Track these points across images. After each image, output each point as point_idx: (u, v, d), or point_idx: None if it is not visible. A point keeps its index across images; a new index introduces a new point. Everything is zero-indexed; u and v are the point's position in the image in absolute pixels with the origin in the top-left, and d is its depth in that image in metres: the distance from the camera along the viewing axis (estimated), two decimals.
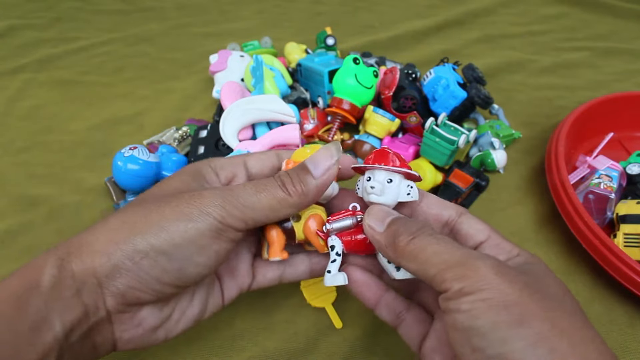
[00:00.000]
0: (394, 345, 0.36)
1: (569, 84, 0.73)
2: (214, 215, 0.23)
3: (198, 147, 0.50)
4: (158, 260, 0.22)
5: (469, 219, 0.26)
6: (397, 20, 0.93)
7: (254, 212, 0.24)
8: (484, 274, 0.20)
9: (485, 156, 0.51)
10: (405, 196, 0.27)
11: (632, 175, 0.48)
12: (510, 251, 0.24)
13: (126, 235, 0.22)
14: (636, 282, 0.36)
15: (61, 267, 0.22)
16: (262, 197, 0.25)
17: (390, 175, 0.27)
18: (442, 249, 0.22)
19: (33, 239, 0.46)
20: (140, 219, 0.23)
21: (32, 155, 0.57)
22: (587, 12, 0.98)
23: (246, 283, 0.30)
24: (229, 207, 0.24)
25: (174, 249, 0.23)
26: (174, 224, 0.23)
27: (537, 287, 0.20)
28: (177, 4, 1.02)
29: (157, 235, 0.22)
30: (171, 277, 0.23)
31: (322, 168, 0.26)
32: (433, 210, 0.27)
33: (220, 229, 0.24)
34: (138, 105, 0.67)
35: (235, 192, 0.24)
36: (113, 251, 0.22)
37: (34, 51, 0.81)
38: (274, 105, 0.48)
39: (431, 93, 0.55)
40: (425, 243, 0.23)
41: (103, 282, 0.22)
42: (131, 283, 0.22)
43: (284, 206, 0.25)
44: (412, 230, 0.23)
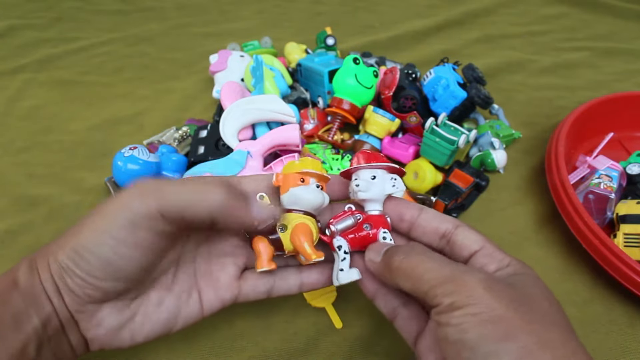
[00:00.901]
0: (394, 345, 0.36)
1: (569, 84, 0.73)
2: (130, 207, 0.24)
3: (198, 147, 0.50)
4: (86, 257, 0.24)
5: (464, 230, 0.27)
6: (397, 20, 0.93)
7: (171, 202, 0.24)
8: (473, 289, 0.21)
9: (485, 156, 0.51)
10: (391, 188, 0.29)
11: (632, 175, 0.48)
12: (502, 260, 0.25)
13: (68, 238, 0.24)
14: (636, 282, 0.36)
15: (31, 269, 0.25)
16: (183, 190, 0.25)
17: (373, 172, 0.29)
18: (432, 266, 0.23)
19: (33, 239, 0.46)
20: (83, 223, 0.25)
21: (32, 155, 0.57)
22: (587, 12, 0.98)
23: (229, 295, 0.30)
24: (146, 197, 0.24)
25: (95, 245, 0.24)
26: (96, 224, 0.24)
27: (524, 300, 0.21)
28: (177, 4, 1.02)
29: (84, 236, 0.24)
30: (102, 272, 0.24)
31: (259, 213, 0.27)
32: (431, 224, 0.28)
33: (135, 220, 0.24)
34: (138, 105, 0.67)
35: (157, 184, 0.25)
36: (59, 254, 0.24)
37: (34, 51, 0.81)
38: (274, 105, 0.48)
39: (431, 93, 0.55)
40: (416, 261, 0.24)
41: (57, 282, 0.24)
42: (75, 281, 0.24)
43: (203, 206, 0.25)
44: (404, 251, 0.25)
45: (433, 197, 0.47)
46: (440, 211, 0.46)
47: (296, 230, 0.28)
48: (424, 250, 0.25)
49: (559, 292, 0.40)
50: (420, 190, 0.49)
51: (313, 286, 0.31)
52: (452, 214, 0.47)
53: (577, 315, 0.39)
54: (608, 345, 0.36)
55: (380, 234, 0.29)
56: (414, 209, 0.29)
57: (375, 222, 0.29)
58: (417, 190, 0.49)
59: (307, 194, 0.28)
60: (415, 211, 0.29)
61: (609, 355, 0.36)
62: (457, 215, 0.47)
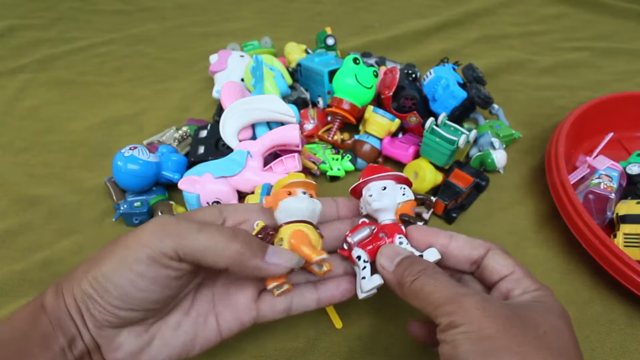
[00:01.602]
0: (394, 345, 0.36)
1: (569, 84, 0.73)
2: (148, 244, 0.25)
3: (198, 147, 0.50)
4: (105, 286, 0.25)
5: (495, 254, 0.28)
6: (397, 20, 0.93)
7: (187, 246, 0.25)
8: (468, 309, 0.23)
9: (485, 156, 0.51)
10: (402, 197, 0.31)
11: (632, 175, 0.48)
12: (527, 287, 0.26)
13: (92, 267, 0.25)
14: (636, 282, 0.36)
15: (57, 294, 0.26)
16: (200, 236, 0.26)
17: (383, 183, 0.31)
18: (437, 288, 0.25)
19: (33, 239, 0.46)
20: (105, 252, 0.26)
21: (32, 155, 0.57)
22: (587, 12, 0.98)
23: (248, 317, 0.30)
24: (164, 236, 0.25)
25: (115, 276, 0.25)
26: (117, 256, 0.25)
27: (521, 324, 0.23)
28: (177, 4, 1.02)
29: (105, 266, 0.25)
30: (121, 301, 0.25)
31: (274, 261, 0.27)
32: (462, 252, 0.29)
33: (154, 257, 0.25)
34: (138, 105, 0.67)
35: (176, 224, 0.26)
36: (82, 280, 0.25)
37: (34, 51, 0.81)
38: (274, 105, 0.48)
39: (431, 93, 0.55)
40: (423, 283, 0.26)
41: (80, 306, 0.25)
42: (96, 307, 0.25)
43: (218, 254, 0.26)
44: (415, 272, 0.26)
45: (433, 197, 0.47)
46: (440, 211, 0.47)
47: (291, 238, 0.28)
48: (433, 272, 0.26)
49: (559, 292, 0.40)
50: (420, 190, 0.49)
51: (330, 301, 0.31)
52: (452, 214, 0.47)
53: (577, 315, 0.39)
54: (608, 345, 0.36)
55: (397, 239, 0.29)
56: (444, 238, 0.29)
57: (390, 230, 0.30)
58: (417, 190, 0.49)
59: (296, 203, 0.29)
60: (446, 240, 0.29)
61: (609, 355, 0.36)
62: (457, 215, 0.47)
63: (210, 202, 0.44)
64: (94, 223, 0.47)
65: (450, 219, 0.47)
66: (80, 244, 0.45)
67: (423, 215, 0.46)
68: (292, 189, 0.30)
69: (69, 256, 0.44)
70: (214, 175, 0.44)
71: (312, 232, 0.29)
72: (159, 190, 0.48)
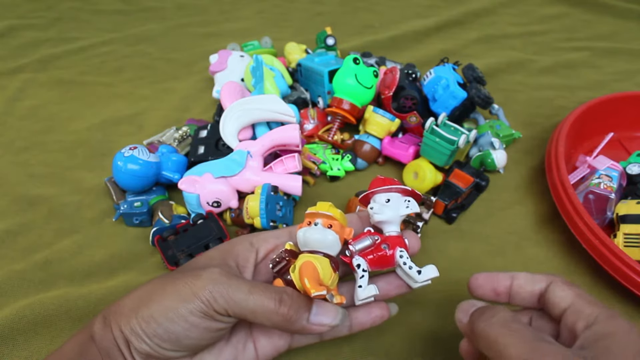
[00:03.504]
0: (394, 345, 0.36)
1: (569, 84, 0.73)
2: (202, 299, 0.26)
3: (198, 147, 0.50)
4: (156, 330, 0.26)
5: (555, 286, 0.27)
6: (397, 20, 0.93)
7: (237, 307, 0.26)
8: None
9: (485, 156, 0.51)
10: (405, 209, 0.31)
11: (632, 175, 0.48)
12: (589, 316, 0.25)
13: (140, 305, 0.26)
14: (636, 282, 0.36)
15: (105, 326, 0.27)
16: (250, 299, 0.26)
17: (388, 196, 0.31)
18: (512, 341, 0.23)
19: (33, 239, 0.46)
20: (154, 292, 0.27)
21: (32, 155, 0.57)
22: (587, 12, 0.98)
23: (283, 342, 0.31)
24: (217, 295, 0.26)
25: (167, 322, 0.26)
26: (168, 301, 0.26)
27: None
28: (177, 4, 1.02)
29: (156, 309, 0.26)
30: (170, 344, 0.26)
31: (319, 320, 0.27)
32: (525, 289, 0.29)
33: (207, 312, 0.26)
34: (138, 105, 0.67)
35: (228, 284, 0.26)
36: (131, 318, 0.26)
37: (34, 51, 0.81)
38: (274, 105, 0.48)
39: (431, 93, 0.55)
40: (497, 334, 0.24)
41: (129, 339, 0.26)
42: (142, 345, 0.26)
43: (266, 318, 0.26)
44: (486, 318, 0.25)
45: (433, 197, 0.47)
46: (440, 211, 0.47)
47: (299, 269, 0.28)
48: (506, 320, 0.25)
49: None
50: (420, 190, 0.49)
51: (361, 327, 0.32)
52: (452, 214, 0.47)
53: None
54: None
55: (397, 252, 0.30)
56: (504, 279, 0.29)
57: (393, 242, 0.30)
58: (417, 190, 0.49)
59: (311, 234, 0.29)
60: (507, 280, 0.29)
61: None
62: (457, 215, 0.47)
63: (210, 202, 0.44)
64: (94, 223, 0.47)
65: (450, 219, 0.47)
66: (80, 244, 0.45)
67: (423, 215, 0.46)
68: (312, 218, 0.30)
69: (69, 256, 0.44)
70: (213, 175, 0.44)
71: (323, 264, 0.29)
72: (159, 190, 0.48)
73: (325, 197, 0.51)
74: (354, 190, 0.46)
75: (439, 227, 0.47)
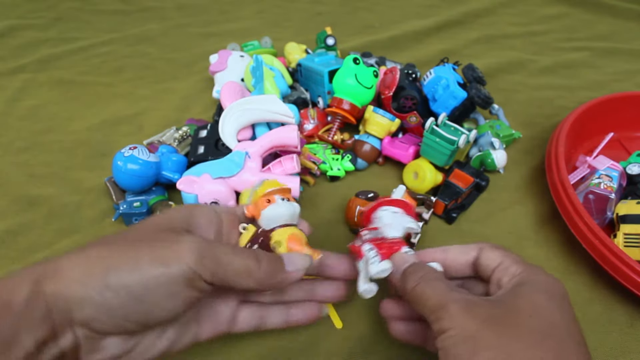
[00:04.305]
0: (394, 345, 0.36)
1: (569, 84, 0.73)
2: (188, 263, 0.24)
3: (198, 147, 0.50)
4: (127, 301, 0.23)
5: (486, 251, 0.30)
6: (397, 20, 0.93)
7: (224, 270, 0.25)
8: (453, 314, 0.24)
9: (485, 156, 0.51)
10: (409, 223, 0.33)
11: (632, 175, 0.48)
12: (514, 272, 0.27)
13: (101, 269, 0.23)
14: (636, 282, 0.36)
15: (34, 288, 0.22)
16: (235, 259, 0.26)
17: (395, 209, 0.34)
18: (431, 294, 0.26)
19: (33, 239, 0.46)
20: (117, 254, 0.24)
21: (32, 155, 0.57)
22: (587, 12, 0.98)
23: (224, 327, 0.31)
24: (204, 258, 0.24)
25: (145, 291, 0.23)
26: (149, 266, 0.23)
27: (503, 315, 0.24)
28: (177, 4, 1.02)
29: (131, 275, 0.23)
30: (137, 317, 0.24)
31: (294, 267, 0.29)
32: (459, 260, 0.31)
33: (191, 278, 0.24)
34: (138, 105, 0.67)
35: (213, 247, 0.26)
36: (86, 282, 0.22)
37: (34, 51, 0.81)
38: (273, 105, 0.48)
39: (431, 93, 0.55)
40: (423, 289, 0.27)
41: (73, 308, 0.22)
42: (97, 316, 0.23)
43: (250, 276, 0.26)
44: (417, 278, 0.28)
45: (433, 197, 0.47)
46: (440, 211, 0.47)
47: (288, 242, 0.30)
48: (431, 278, 0.27)
49: None
50: (420, 190, 0.49)
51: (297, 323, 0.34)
52: (452, 214, 0.47)
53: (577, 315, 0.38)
54: (608, 345, 0.36)
55: (404, 247, 0.32)
56: (437, 252, 0.31)
57: (398, 242, 0.32)
58: (417, 190, 0.49)
59: (277, 210, 0.31)
60: (440, 254, 0.31)
61: (609, 355, 0.36)
62: (457, 215, 0.47)
63: (209, 202, 0.44)
64: (94, 223, 0.47)
65: (450, 219, 0.47)
66: (80, 243, 0.44)
67: (423, 215, 0.46)
68: (270, 197, 0.32)
69: None
70: (212, 175, 0.44)
71: (301, 233, 0.31)
72: (159, 191, 0.48)
73: (325, 197, 0.51)
74: (354, 190, 0.46)
75: (439, 227, 0.47)
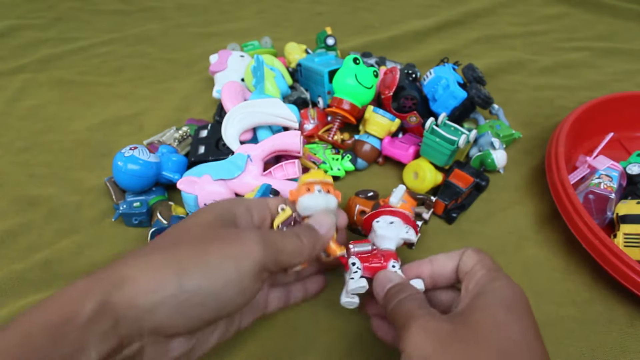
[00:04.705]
0: None
1: (569, 84, 0.73)
2: (257, 257, 0.25)
3: (198, 147, 0.50)
4: (202, 302, 0.23)
5: (464, 257, 0.30)
6: (397, 20, 0.93)
7: (283, 255, 0.27)
8: (413, 333, 0.24)
9: (485, 156, 0.51)
10: (405, 234, 0.35)
11: (632, 175, 0.48)
12: (479, 279, 0.27)
13: (173, 275, 0.23)
14: (636, 282, 0.36)
15: (101, 299, 0.21)
16: (286, 243, 0.28)
17: (392, 219, 0.36)
18: (400, 313, 0.27)
19: (33, 239, 0.46)
20: (186, 257, 0.24)
21: (32, 155, 0.57)
22: (587, 12, 0.98)
23: (260, 312, 0.33)
24: (267, 250, 0.26)
25: (220, 290, 0.24)
26: (220, 265, 0.24)
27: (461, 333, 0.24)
28: (177, 4, 1.02)
29: (204, 277, 0.23)
30: (210, 315, 0.24)
31: (325, 227, 0.31)
32: (445, 268, 0.31)
33: (260, 271, 0.25)
34: (138, 105, 0.67)
35: (271, 236, 0.27)
36: (158, 290, 0.22)
37: (34, 51, 0.81)
38: (277, 109, 0.48)
39: (431, 93, 0.55)
40: (396, 310, 0.27)
41: (144, 317, 0.22)
42: (171, 320, 0.23)
43: (300, 254, 0.28)
44: (397, 299, 0.28)
45: (433, 197, 0.47)
46: (440, 211, 0.47)
47: None
48: (406, 299, 0.28)
49: (559, 292, 0.41)
50: (420, 190, 0.49)
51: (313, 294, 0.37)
52: (452, 214, 0.47)
53: (577, 315, 0.39)
54: (608, 345, 0.36)
55: (391, 263, 0.33)
56: (424, 264, 0.32)
57: (387, 255, 0.33)
58: (417, 190, 0.49)
59: (312, 200, 0.33)
60: (427, 265, 0.31)
61: (609, 355, 0.36)
62: (457, 215, 0.47)
63: (208, 203, 0.44)
64: (94, 223, 0.47)
65: (450, 219, 0.47)
66: (80, 243, 0.45)
67: (423, 215, 0.46)
68: (310, 186, 0.33)
69: (69, 256, 0.44)
70: (213, 177, 0.44)
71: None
72: (159, 191, 0.48)
73: None
74: (354, 190, 0.46)
75: (439, 227, 0.47)
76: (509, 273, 0.35)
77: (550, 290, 0.41)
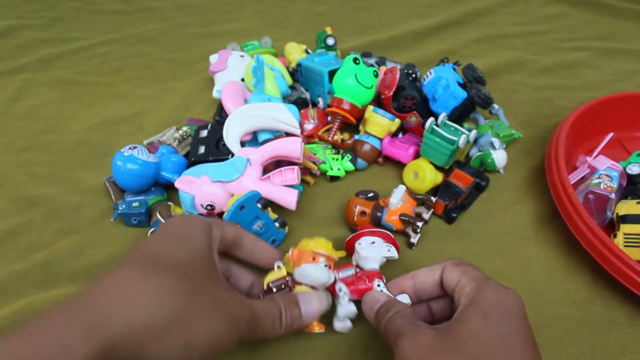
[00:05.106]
0: None
1: (569, 84, 0.73)
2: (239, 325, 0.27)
3: (198, 147, 0.50)
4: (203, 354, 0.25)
5: (446, 271, 0.31)
6: (397, 20, 0.93)
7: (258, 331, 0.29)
8: (401, 348, 0.26)
9: (485, 156, 0.51)
10: (387, 252, 0.36)
11: (632, 175, 0.48)
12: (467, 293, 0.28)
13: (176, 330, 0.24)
14: (636, 282, 0.36)
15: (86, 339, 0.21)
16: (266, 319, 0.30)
17: (373, 239, 0.38)
18: (390, 330, 0.28)
19: (33, 238, 0.46)
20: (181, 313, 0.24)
21: (32, 155, 0.57)
22: (587, 12, 0.98)
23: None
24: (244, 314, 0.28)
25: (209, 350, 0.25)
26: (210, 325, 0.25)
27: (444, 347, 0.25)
28: (177, 4, 1.02)
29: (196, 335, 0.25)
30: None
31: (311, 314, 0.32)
32: (427, 282, 0.32)
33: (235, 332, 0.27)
34: (138, 105, 0.67)
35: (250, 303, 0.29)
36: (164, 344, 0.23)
37: (34, 51, 0.81)
38: (280, 114, 0.47)
39: (431, 93, 0.55)
40: (387, 327, 0.29)
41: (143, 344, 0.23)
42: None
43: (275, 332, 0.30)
44: (386, 319, 0.29)
45: (433, 197, 0.47)
46: (440, 211, 0.47)
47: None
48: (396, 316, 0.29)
49: (559, 292, 0.40)
50: (420, 190, 0.49)
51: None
52: (452, 214, 0.47)
53: (577, 315, 0.39)
54: (608, 345, 0.36)
55: (375, 283, 0.34)
56: (406, 279, 0.33)
57: (371, 275, 0.35)
58: (417, 190, 0.49)
59: (315, 271, 0.33)
60: (409, 281, 0.33)
61: (609, 355, 0.36)
62: (457, 215, 0.47)
63: (205, 204, 0.43)
64: (94, 223, 0.47)
65: (450, 219, 0.47)
66: (80, 244, 0.45)
67: (423, 215, 0.46)
68: (317, 256, 0.34)
69: (69, 256, 0.44)
70: (211, 178, 0.43)
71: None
72: (158, 191, 0.48)
73: (325, 197, 0.51)
74: (354, 190, 0.46)
75: (439, 227, 0.47)
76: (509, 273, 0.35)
77: (550, 290, 0.41)
